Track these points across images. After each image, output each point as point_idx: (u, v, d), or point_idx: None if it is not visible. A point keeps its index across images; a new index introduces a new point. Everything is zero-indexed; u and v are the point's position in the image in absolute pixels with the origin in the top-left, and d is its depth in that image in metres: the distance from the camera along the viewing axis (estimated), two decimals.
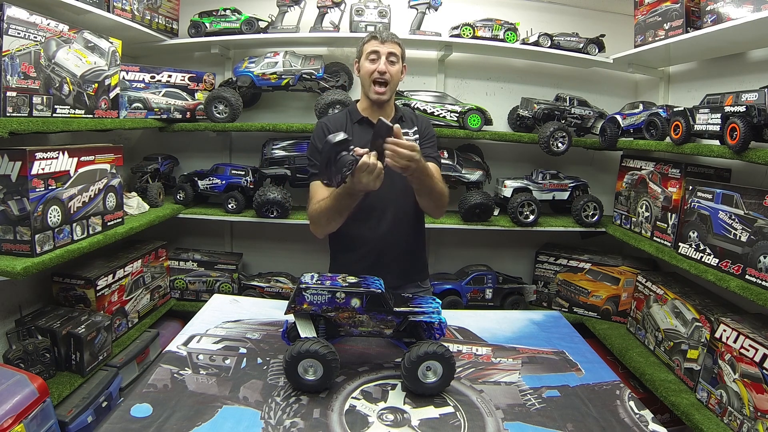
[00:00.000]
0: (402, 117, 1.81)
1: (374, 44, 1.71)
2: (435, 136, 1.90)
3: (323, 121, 1.81)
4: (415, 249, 1.86)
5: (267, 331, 1.52)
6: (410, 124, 1.82)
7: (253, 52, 2.78)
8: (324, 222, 1.62)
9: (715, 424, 1.64)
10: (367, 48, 1.72)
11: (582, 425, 1.13)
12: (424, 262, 1.93)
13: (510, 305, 2.75)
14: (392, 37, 1.73)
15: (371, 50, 1.71)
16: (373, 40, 1.72)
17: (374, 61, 1.70)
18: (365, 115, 1.76)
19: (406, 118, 1.83)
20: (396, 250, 1.77)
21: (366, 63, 1.71)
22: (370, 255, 1.74)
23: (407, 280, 1.83)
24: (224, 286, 2.73)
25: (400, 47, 1.75)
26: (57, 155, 1.73)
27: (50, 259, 1.68)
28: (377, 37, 1.72)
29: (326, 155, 1.34)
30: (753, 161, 1.66)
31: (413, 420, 1.12)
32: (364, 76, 1.73)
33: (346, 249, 1.81)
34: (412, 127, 1.81)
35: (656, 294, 2.20)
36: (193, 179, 2.74)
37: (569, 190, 2.78)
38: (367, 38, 1.75)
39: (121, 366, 2.07)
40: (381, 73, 1.68)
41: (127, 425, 1.03)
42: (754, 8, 1.80)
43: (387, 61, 1.69)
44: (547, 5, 2.94)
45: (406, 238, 1.79)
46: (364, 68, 1.72)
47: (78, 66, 1.89)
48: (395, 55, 1.72)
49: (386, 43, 1.71)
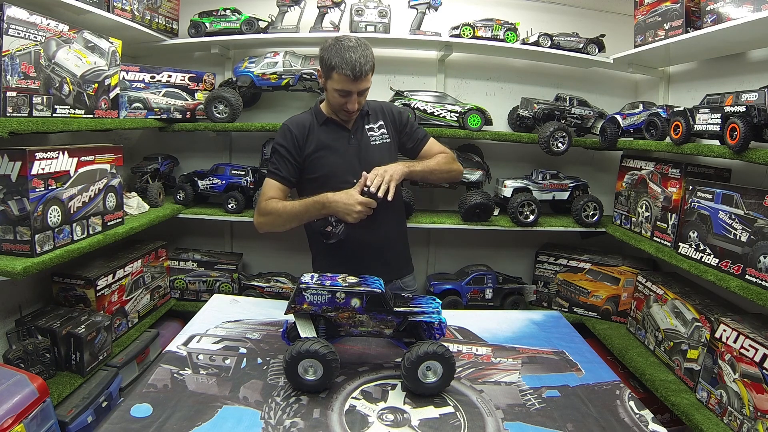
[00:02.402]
0: (368, 112, 1.81)
1: (346, 82, 1.58)
2: (409, 117, 1.90)
3: (287, 124, 1.78)
4: (398, 245, 1.89)
5: (267, 331, 1.52)
6: (375, 117, 1.83)
7: (253, 52, 2.78)
8: (280, 223, 1.68)
9: (715, 424, 1.64)
10: (338, 81, 1.60)
11: (582, 425, 1.14)
12: (407, 256, 1.96)
13: (510, 305, 2.75)
14: (365, 70, 1.58)
15: (342, 89, 1.61)
16: (345, 78, 1.57)
17: (344, 96, 1.63)
18: (330, 116, 1.77)
19: (372, 111, 1.83)
20: (379, 248, 1.79)
21: (335, 94, 1.64)
22: (354, 254, 1.74)
23: (392, 275, 1.85)
24: (224, 286, 2.73)
25: (372, 70, 1.64)
26: (57, 155, 1.73)
27: (50, 259, 1.68)
28: (350, 75, 1.56)
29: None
30: (753, 161, 1.66)
31: (413, 420, 1.12)
32: (333, 103, 1.69)
33: (328, 249, 1.78)
34: (377, 120, 1.82)
35: (656, 294, 2.20)
36: (193, 179, 2.74)
37: (569, 190, 2.78)
38: (341, 70, 1.56)
39: (121, 366, 2.07)
40: (351, 111, 1.67)
41: (127, 425, 1.03)
42: (754, 8, 1.79)
43: (357, 96, 1.64)
44: (547, 5, 2.94)
45: (387, 236, 1.82)
46: (333, 98, 1.67)
47: (78, 66, 1.89)
48: (366, 89, 1.65)
49: (358, 80, 1.59)
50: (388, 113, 1.85)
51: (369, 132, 1.80)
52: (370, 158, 1.75)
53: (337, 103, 1.67)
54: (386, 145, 1.82)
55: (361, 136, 1.78)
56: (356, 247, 1.73)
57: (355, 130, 1.78)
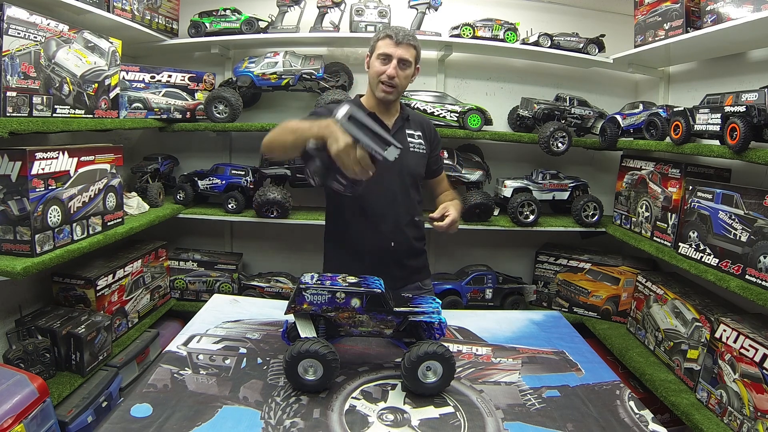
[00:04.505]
0: (408, 117, 1.79)
1: (387, 45, 1.63)
2: (440, 141, 1.91)
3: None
4: (417, 250, 1.85)
5: (267, 331, 1.52)
6: (416, 126, 1.80)
7: (253, 52, 2.78)
8: (280, 134, 1.58)
9: (715, 424, 1.64)
10: (380, 47, 1.64)
11: (582, 425, 1.13)
12: (425, 262, 1.92)
13: (510, 305, 2.75)
14: (408, 39, 1.64)
15: (383, 52, 1.63)
16: (388, 40, 1.63)
17: (384, 62, 1.64)
18: (372, 110, 1.72)
19: (412, 119, 1.81)
20: (397, 252, 1.76)
21: (376, 63, 1.66)
22: (371, 257, 1.72)
23: (408, 281, 1.82)
24: (224, 286, 2.73)
25: (416, 50, 1.67)
26: (57, 155, 1.73)
27: (50, 259, 1.68)
28: (392, 36, 1.62)
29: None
30: (753, 161, 1.66)
31: (413, 420, 1.12)
32: (373, 75, 1.68)
33: (344, 250, 1.79)
34: (417, 129, 1.80)
35: (656, 294, 2.20)
36: (193, 179, 2.74)
37: (569, 190, 2.78)
38: (382, 35, 1.65)
39: (121, 366, 2.07)
40: (390, 77, 1.64)
41: (127, 425, 1.03)
42: (754, 8, 1.80)
43: (398, 65, 1.63)
44: (547, 5, 2.94)
45: (406, 240, 1.78)
46: (373, 67, 1.67)
47: (78, 66, 1.89)
48: (407, 61, 1.64)
49: (400, 46, 1.62)
50: (427, 128, 1.84)
51: (409, 137, 1.77)
52: (407, 161, 1.72)
53: (377, 72, 1.65)
54: (422, 155, 1.80)
55: (401, 138, 1.74)
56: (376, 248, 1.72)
57: (395, 132, 1.74)
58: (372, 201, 1.68)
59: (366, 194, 1.59)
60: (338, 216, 1.79)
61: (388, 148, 1.21)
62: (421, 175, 1.81)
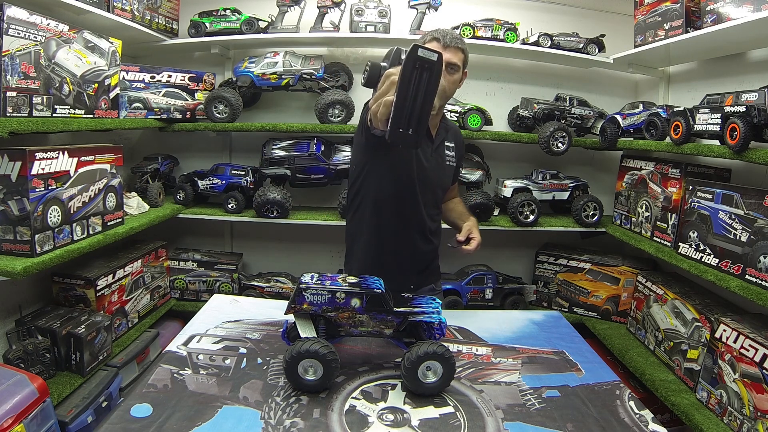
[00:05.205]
0: (447, 128, 1.77)
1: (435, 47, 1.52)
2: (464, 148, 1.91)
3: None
4: (435, 252, 1.86)
5: (267, 331, 1.52)
6: (452, 137, 1.78)
7: (253, 52, 2.78)
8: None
9: (715, 424, 1.64)
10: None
11: (582, 425, 1.13)
12: (438, 264, 1.94)
13: (510, 305, 2.75)
14: (456, 42, 1.52)
15: None
16: (435, 43, 1.51)
17: None
18: None
19: (449, 130, 1.78)
20: (418, 254, 1.76)
21: None
22: (394, 256, 1.70)
23: (423, 283, 1.84)
24: (224, 286, 2.73)
25: (464, 53, 1.56)
26: (57, 155, 1.73)
27: (50, 259, 1.68)
28: (439, 39, 1.50)
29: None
30: (753, 161, 1.66)
31: (413, 420, 1.11)
32: None
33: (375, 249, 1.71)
34: (452, 141, 1.78)
35: (656, 294, 2.20)
36: (193, 179, 2.74)
37: (569, 190, 2.78)
38: (429, 38, 1.54)
39: (121, 366, 2.07)
40: None
41: (127, 425, 1.03)
42: (754, 8, 1.79)
43: (445, 69, 1.48)
44: (547, 5, 2.94)
45: (428, 242, 1.78)
46: None
47: (78, 66, 1.89)
48: (455, 65, 1.53)
49: (448, 49, 1.50)
50: (458, 138, 1.81)
51: (446, 149, 1.74)
52: (441, 176, 1.71)
53: None
54: (451, 169, 1.77)
55: (441, 152, 1.72)
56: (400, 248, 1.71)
57: (438, 145, 1.70)
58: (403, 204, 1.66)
59: (403, 199, 1.62)
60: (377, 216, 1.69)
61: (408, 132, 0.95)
62: (448, 186, 1.83)
